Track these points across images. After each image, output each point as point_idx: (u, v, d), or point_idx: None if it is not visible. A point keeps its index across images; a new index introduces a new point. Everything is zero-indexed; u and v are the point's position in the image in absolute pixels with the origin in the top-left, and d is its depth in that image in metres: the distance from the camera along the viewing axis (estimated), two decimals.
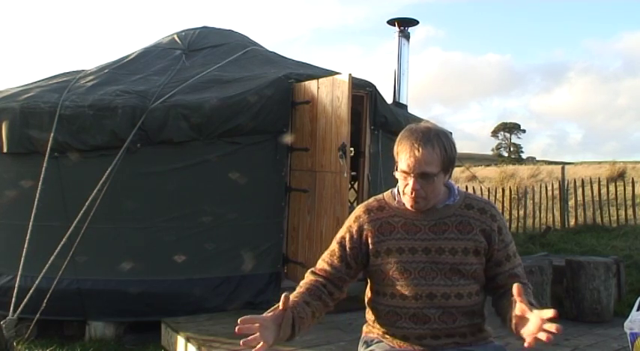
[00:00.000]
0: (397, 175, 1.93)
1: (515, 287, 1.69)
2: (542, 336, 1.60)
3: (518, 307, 1.70)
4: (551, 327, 1.59)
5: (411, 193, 1.88)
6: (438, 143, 1.86)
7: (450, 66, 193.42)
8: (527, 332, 1.67)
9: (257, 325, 1.69)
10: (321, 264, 2.05)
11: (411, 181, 1.87)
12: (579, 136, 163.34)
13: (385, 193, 2.07)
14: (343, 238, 2.03)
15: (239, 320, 1.68)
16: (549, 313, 1.61)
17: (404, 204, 1.97)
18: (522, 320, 1.71)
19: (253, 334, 1.67)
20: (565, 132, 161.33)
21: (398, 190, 2.00)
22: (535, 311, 1.66)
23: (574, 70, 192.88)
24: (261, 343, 1.67)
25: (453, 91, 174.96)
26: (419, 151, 1.84)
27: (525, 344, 1.68)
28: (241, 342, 1.66)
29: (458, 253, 1.90)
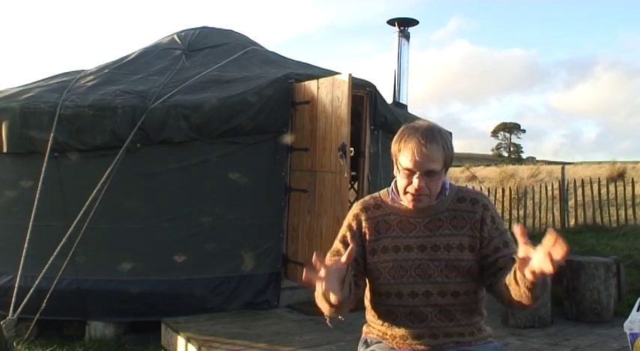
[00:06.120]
0: (398, 174, 1.92)
1: (518, 229, 1.56)
2: (547, 267, 1.48)
3: (522, 249, 1.56)
4: (556, 250, 1.44)
5: (416, 192, 1.86)
6: (441, 140, 1.86)
7: (474, 61, 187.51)
8: (532, 267, 1.55)
9: (323, 272, 1.66)
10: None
11: (415, 179, 1.85)
12: (593, 135, 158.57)
13: (381, 192, 2.07)
14: (345, 236, 2.02)
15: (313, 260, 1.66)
16: (551, 238, 1.45)
17: (399, 202, 1.97)
18: (525, 262, 1.58)
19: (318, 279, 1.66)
20: (579, 131, 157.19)
21: (393, 189, 2.00)
22: (539, 249, 1.51)
23: (601, 64, 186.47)
24: (333, 294, 1.66)
25: (473, 87, 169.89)
26: (426, 148, 1.82)
27: (529, 275, 1.58)
28: (304, 275, 1.66)
29: (453, 249, 1.90)
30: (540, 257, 1.51)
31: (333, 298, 1.69)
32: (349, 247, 1.72)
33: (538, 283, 1.64)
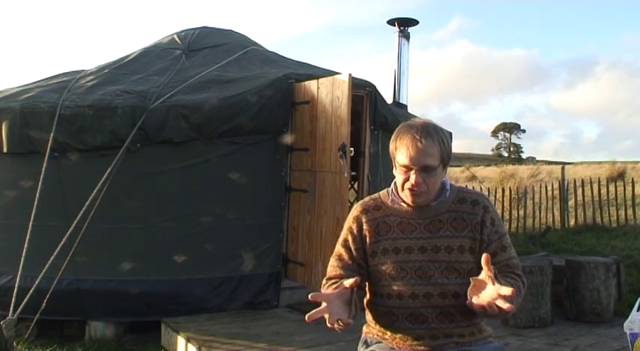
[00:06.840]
0: (396, 172, 1.92)
1: (483, 256, 1.69)
2: (486, 304, 1.66)
3: (483, 273, 1.70)
4: (504, 304, 1.62)
5: (413, 188, 1.86)
6: (437, 136, 1.87)
7: (475, 61, 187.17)
8: (478, 299, 1.69)
9: (325, 305, 1.69)
10: (333, 270, 2.00)
11: (412, 175, 1.85)
12: (593, 135, 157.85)
13: (381, 192, 2.06)
14: (346, 240, 2.02)
15: (310, 296, 1.69)
16: (507, 291, 1.61)
17: (399, 203, 1.97)
18: (480, 285, 1.71)
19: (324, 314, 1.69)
20: (580, 131, 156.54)
21: (393, 190, 2.00)
22: (496, 284, 1.66)
23: (602, 64, 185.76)
24: (342, 320, 1.71)
25: (474, 87, 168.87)
26: (421, 143, 1.83)
27: (468, 301, 1.73)
28: (307, 317, 1.67)
29: (454, 251, 1.90)
30: (490, 294, 1.65)
31: (342, 322, 1.72)
32: (354, 279, 1.75)
33: (480, 313, 1.76)
